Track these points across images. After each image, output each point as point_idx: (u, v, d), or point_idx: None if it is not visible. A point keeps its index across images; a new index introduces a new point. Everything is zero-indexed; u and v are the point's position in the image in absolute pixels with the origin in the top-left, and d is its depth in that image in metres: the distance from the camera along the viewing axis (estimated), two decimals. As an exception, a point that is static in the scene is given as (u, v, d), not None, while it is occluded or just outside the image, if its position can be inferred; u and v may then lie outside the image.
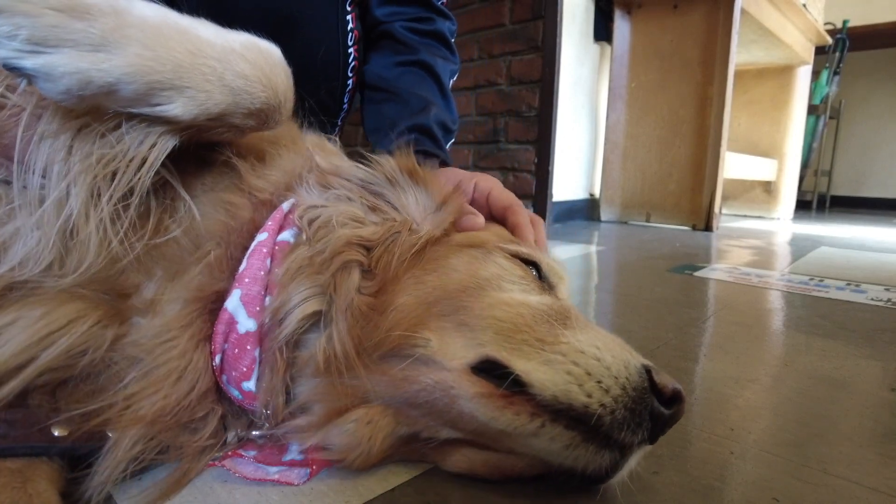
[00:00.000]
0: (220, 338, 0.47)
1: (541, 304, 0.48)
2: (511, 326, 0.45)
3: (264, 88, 0.47)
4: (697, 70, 2.71)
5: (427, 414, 0.46)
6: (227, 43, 0.46)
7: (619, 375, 0.42)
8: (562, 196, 2.85)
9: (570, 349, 0.43)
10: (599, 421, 0.41)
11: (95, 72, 0.40)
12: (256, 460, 0.48)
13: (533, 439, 0.42)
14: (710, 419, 0.62)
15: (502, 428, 0.42)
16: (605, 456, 0.42)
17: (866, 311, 1.17)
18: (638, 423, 0.42)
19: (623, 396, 0.42)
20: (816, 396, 0.70)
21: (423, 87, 0.96)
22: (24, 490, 0.40)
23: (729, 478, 0.50)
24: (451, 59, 1.04)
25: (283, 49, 0.50)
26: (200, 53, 0.44)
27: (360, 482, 0.48)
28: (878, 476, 0.51)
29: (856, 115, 5.17)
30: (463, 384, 0.43)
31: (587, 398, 0.41)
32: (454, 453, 0.49)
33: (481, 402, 0.43)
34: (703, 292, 1.35)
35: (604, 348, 0.44)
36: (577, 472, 0.43)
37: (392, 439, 0.47)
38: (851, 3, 4.48)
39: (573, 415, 0.41)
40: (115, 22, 0.41)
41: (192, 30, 0.45)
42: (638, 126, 2.93)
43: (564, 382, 0.41)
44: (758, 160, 3.49)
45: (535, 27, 2.63)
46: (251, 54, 0.46)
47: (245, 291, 0.48)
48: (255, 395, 0.48)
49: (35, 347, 0.42)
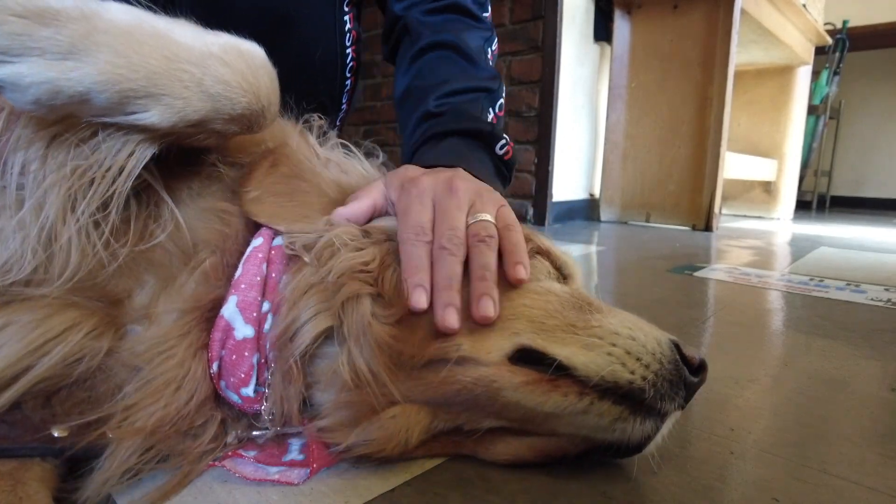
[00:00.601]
0: (217, 345, 0.47)
1: (564, 292, 0.50)
2: (542, 314, 0.47)
3: (245, 93, 0.45)
4: (697, 70, 2.71)
5: (468, 409, 0.47)
6: (205, 46, 0.44)
7: (655, 352, 0.46)
8: (561, 196, 2.85)
9: (605, 332, 0.46)
10: (644, 394, 0.44)
11: (64, 81, 0.38)
12: (256, 460, 0.48)
13: (582, 417, 0.45)
14: (709, 419, 0.62)
15: (551, 410, 0.44)
16: (648, 425, 0.45)
17: (866, 312, 1.17)
18: (675, 392, 0.46)
19: (661, 370, 0.45)
20: (816, 396, 0.70)
21: (432, 72, 0.83)
22: (14, 493, 0.39)
23: (729, 478, 0.50)
24: (476, 25, 0.90)
25: (280, 49, 0.50)
26: (177, 58, 0.42)
27: (360, 482, 0.48)
28: (878, 476, 0.51)
29: (856, 115, 5.18)
30: (504, 376, 0.45)
31: (631, 375, 0.44)
32: (497, 443, 0.50)
33: (527, 389, 0.44)
34: (703, 292, 1.35)
35: (635, 328, 0.47)
36: (621, 445, 0.46)
37: (431, 433, 0.48)
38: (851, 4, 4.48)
39: (620, 392, 0.44)
40: (85, 27, 0.39)
41: (168, 33, 0.43)
42: (638, 126, 2.93)
43: (608, 364, 0.44)
44: (758, 160, 3.49)
45: (535, 27, 2.63)
46: (231, 57, 0.45)
47: (241, 297, 0.47)
48: (254, 399, 0.48)
49: (32, 356, 0.41)
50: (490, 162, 0.71)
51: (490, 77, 0.80)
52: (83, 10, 0.40)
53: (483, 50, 0.86)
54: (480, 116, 0.74)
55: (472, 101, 0.76)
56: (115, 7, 0.42)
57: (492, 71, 0.83)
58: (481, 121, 0.73)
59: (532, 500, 0.46)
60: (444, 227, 0.50)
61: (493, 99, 0.78)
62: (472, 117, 0.73)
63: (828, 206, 5.00)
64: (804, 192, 4.63)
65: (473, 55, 0.82)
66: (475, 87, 0.77)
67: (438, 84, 0.77)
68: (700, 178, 2.75)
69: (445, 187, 0.54)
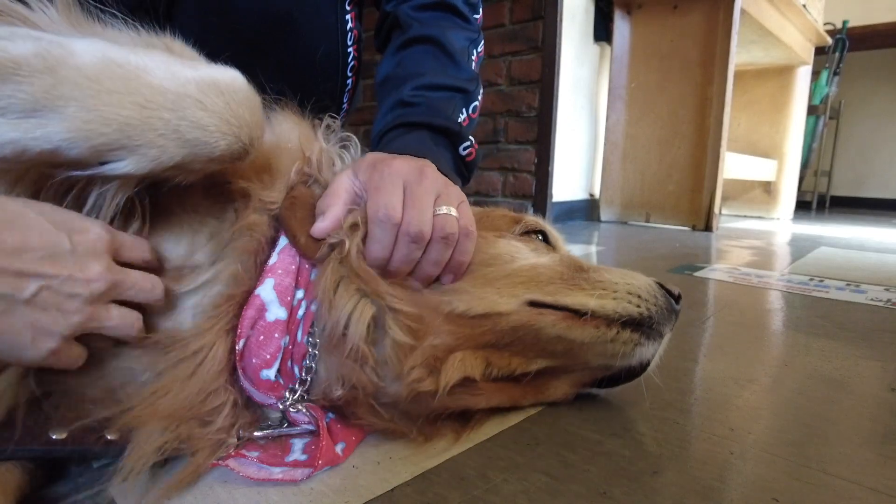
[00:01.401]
0: (247, 323, 0.49)
1: (553, 261, 0.60)
2: (536, 280, 0.57)
3: (224, 136, 0.43)
4: (697, 70, 2.71)
5: (517, 352, 0.56)
6: (181, 87, 0.42)
7: (649, 290, 0.59)
8: (562, 196, 2.85)
9: (606, 283, 0.58)
10: (652, 321, 0.57)
11: (30, 140, 0.36)
12: (259, 461, 0.48)
13: (611, 345, 0.56)
14: (710, 419, 0.62)
15: (588, 340, 0.56)
16: (652, 346, 0.58)
17: (866, 312, 1.17)
18: (669, 316, 0.59)
19: (657, 302, 0.58)
20: (816, 397, 0.70)
21: (413, 63, 0.85)
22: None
23: (729, 478, 0.50)
24: (463, 26, 0.92)
25: (281, 48, 0.49)
26: (151, 104, 0.40)
27: (360, 483, 0.48)
28: (877, 476, 0.51)
29: (855, 115, 5.17)
30: (536, 317, 0.55)
31: (638, 308, 0.57)
32: (548, 388, 0.62)
33: (564, 325, 0.55)
34: (703, 293, 1.35)
35: (628, 276, 0.60)
36: (633, 367, 0.59)
37: (489, 378, 0.56)
38: (851, 4, 4.48)
39: (634, 322, 0.56)
40: (50, 80, 0.36)
41: (141, 75, 0.40)
42: (638, 126, 2.93)
43: (618, 304, 0.56)
44: (757, 160, 3.49)
45: (535, 27, 2.63)
46: (209, 98, 0.42)
47: (278, 281, 0.50)
48: (272, 385, 0.50)
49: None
50: (451, 160, 0.75)
51: (468, 79, 0.83)
52: (46, 58, 0.37)
53: (467, 51, 0.87)
54: (452, 116, 0.76)
55: (447, 100, 0.78)
56: (81, 48, 0.39)
57: (472, 73, 0.85)
58: (451, 120, 0.76)
59: (532, 500, 0.46)
60: (414, 213, 0.53)
61: (468, 100, 0.81)
62: (444, 115, 0.75)
63: (828, 206, 4.99)
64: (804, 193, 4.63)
65: (456, 54, 0.84)
66: (452, 85, 0.80)
67: (416, 75, 0.79)
68: (700, 178, 2.75)
69: (417, 173, 0.57)
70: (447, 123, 0.74)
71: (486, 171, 2.89)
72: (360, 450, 0.53)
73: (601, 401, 0.66)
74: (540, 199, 2.70)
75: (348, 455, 0.52)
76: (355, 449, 0.53)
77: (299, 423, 0.52)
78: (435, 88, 0.79)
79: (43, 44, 0.37)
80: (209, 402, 0.48)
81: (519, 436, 0.57)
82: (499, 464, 0.52)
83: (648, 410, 0.64)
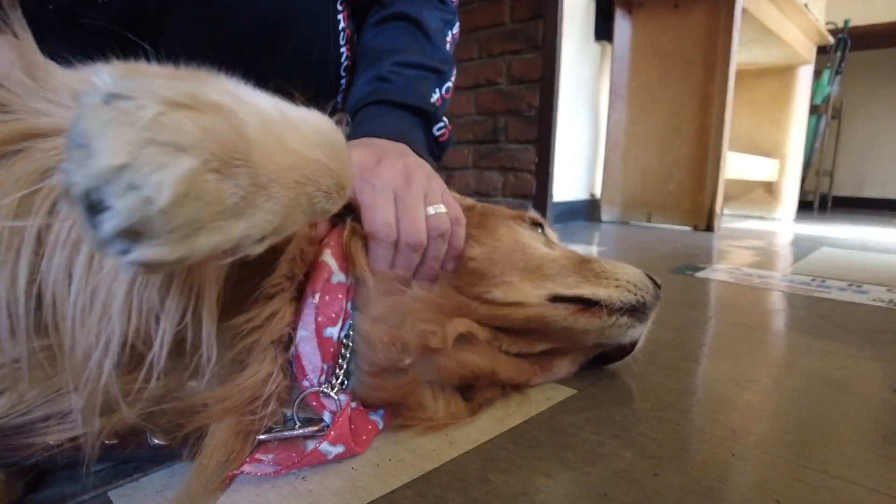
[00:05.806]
0: (319, 282, 0.51)
1: (564, 254, 0.68)
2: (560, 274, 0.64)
3: (339, 200, 0.39)
4: (698, 69, 2.71)
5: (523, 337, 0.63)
6: (312, 152, 0.36)
7: (641, 280, 0.68)
8: (562, 196, 2.84)
9: (609, 274, 0.66)
10: (645, 307, 0.66)
11: (224, 243, 0.29)
12: (275, 463, 0.48)
13: (608, 330, 0.64)
14: (710, 420, 0.62)
15: (591, 328, 0.63)
16: (640, 328, 0.67)
17: (868, 312, 1.16)
18: (655, 302, 0.68)
19: (647, 290, 0.67)
20: (817, 398, 0.70)
21: (392, 38, 0.87)
22: None
23: (729, 479, 0.50)
24: (439, 7, 0.94)
25: (275, 49, 0.49)
26: (302, 182, 0.35)
27: (359, 484, 0.48)
28: (879, 477, 0.51)
29: (858, 115, 5.16)
30: (552, 312, 0.62)
31: (635, 297, 0.65)
32: (553, 366, 0.69)
33: (574, 318, 0.62)
34: (704, 293, 1.35)
35: (625, 268, 0.68)
36: (625, 347, 0.69)
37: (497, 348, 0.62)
38: (853, 3, 4.47)
39: (630, 308, 0.65)
40: (253, 171, 0.30)
41: (283, 140, 0.34)
42: (639, 126, 2.93)
43: (621, 293, 0.64)
44: (759, 160, 3.48)
45: (536, 26, 2.62)
46: (331, 160, 0.37)
47: (334, 250, 0.53)
48: (335, 346, 0.51)
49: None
50: (425, 140, 0.79)
51: (442, 60, 0.86)
52: (244, 134, 0.30)
53: (442, 31, 0.91)
54: (425, 96, 0.80)
55: (421, 79, 0.82)
56: (256, 125, 0.32)
57: (445, 54, 0.89)
58: (425, 101, 0.79)
59: (532, 502, 0.46)
60: (409, 224, 0.56)
61: (442, 81, 0.84)
62: (419, 95, 0.79)
63: (830, 206, 4.98)
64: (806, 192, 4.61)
65: (431, 34, 0.88)
66: (427, 65, 0.83)
67: (395, 51, 0.83)
68: (701, 177, 2.74)
69: (404, 179, 0.59)
70: (421, 104, 0.78)
71: (486, 171, 2.89)
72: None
73: (601, 402, 0.66)
74: (540, 199, 2.70)
75: (366, 447, 0.53)
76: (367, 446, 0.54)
77: (325, 409, 0.52)
78: (412, 66, 0.82)
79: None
80: (267, 387, 0.47)
81: (519, 437, 0.57)
82: (499, 465, 0.52)
83: (649, 411, 0.64)
